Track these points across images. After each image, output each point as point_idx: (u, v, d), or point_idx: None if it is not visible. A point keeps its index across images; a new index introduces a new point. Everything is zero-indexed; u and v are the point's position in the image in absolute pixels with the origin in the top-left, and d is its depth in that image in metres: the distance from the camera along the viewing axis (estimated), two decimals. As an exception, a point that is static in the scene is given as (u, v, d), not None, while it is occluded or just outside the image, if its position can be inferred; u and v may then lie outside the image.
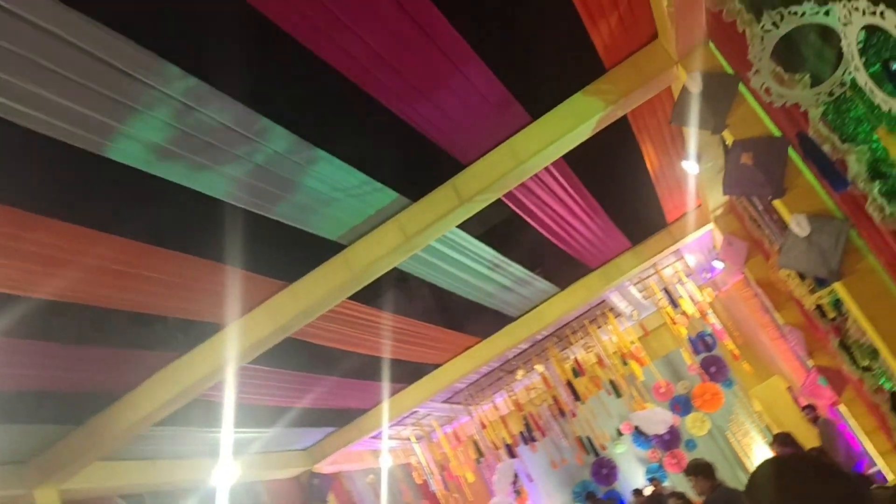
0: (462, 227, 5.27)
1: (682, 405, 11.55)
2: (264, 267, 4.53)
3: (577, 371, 9.18)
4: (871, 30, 2.44)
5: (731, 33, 3.43)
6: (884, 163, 3.13)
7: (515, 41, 3.89)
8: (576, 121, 4.30)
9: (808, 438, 7.97)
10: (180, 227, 3.89)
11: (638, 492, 11.02)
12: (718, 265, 9.35)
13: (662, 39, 4.17)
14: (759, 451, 11.03)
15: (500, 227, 5.87)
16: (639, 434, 11.70)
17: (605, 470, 12.11)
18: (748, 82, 3.49)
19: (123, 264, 3.78)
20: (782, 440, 7.27)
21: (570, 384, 9.05)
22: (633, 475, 12.28)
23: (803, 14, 2.90)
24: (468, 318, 7.33)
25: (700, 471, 5.70)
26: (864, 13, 2.22)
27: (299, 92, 3.51)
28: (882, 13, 2.17)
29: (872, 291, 3.50)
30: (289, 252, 4.60)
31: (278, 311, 4.74)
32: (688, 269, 9.18)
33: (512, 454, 9.82)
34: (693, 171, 5.33)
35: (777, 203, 4.03)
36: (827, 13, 2.78)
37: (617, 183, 6.06)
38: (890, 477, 6.10)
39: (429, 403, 9.28)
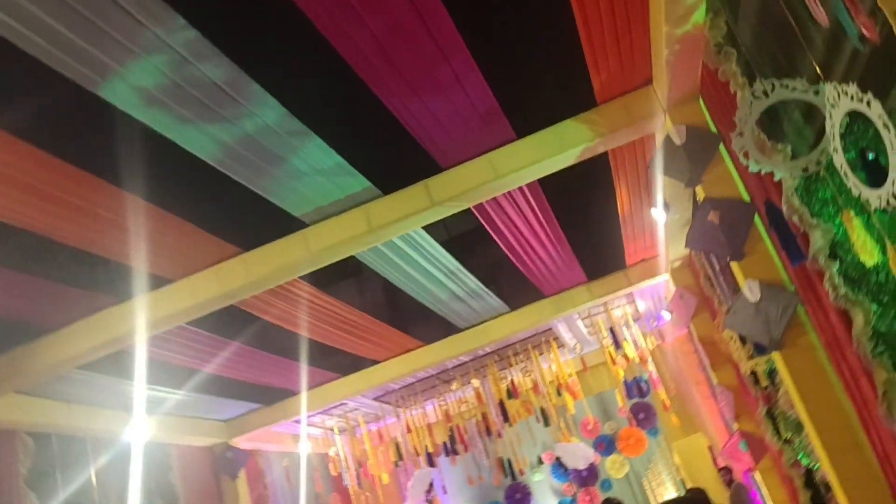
0: (427, 229, 5.26)
1: (605, 445, 11.68)
2: (221, 229, 4.45)
3: (512, 393, 9.22)
4: (854, 116, 2.53)
5: (723, 93, 3.52)
6: (841, 246, 3.24)
7: (515, 58, 3.91)
8: (559, 147, 4.34)
9: (720, 499, 8.14)
10: (143, 173, 3.79)
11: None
12: (666, 316, 9.51)
13: (656, 86, 4.24)
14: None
15: (464, 237, 5.88)
16: (559, 466, 11.79)
17: (518, 495, 12.16)
18: (729, 143, 3.57)
19: (76, 196, 3.67)
20: (694, 496, 7.40)
21: (502, 404, 9.09)
22: (546, 504, 12.37)
23: (794, 89, 2.99)
24: (415, 320, 7.31)
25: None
26: (852, 98, 2.30)
27: (295, 65, 3.47)
28: (868, 102, 2.24)
29: (808, 367, 3.61)
30: (248, 219, 4.53)
31: (227, 276, 4.66)
32: (637, 313, 9.32)
33: (431, 463, 9.80)
34: (660, 219, 5.43)
35: (734, 265, 4.13)
36: (816, 93, 2.87)
37: (586, 216, 6.14)
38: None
39: (359, 398, 9.22)
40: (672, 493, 11.21)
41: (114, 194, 3.77)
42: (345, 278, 6.46)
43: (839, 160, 2.46)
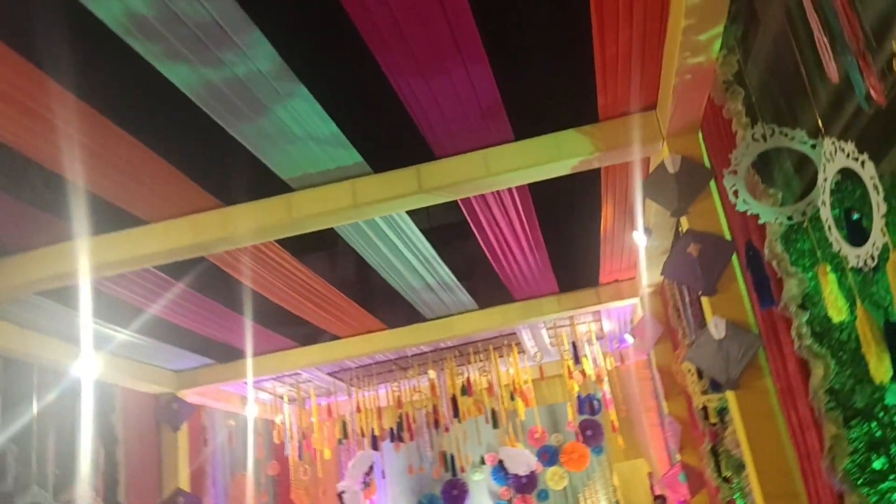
0: (410, 214, 5.25)
1: (549, 455, 11.78)
2: (205, 179, 4.40)
3: (466, 390, 9.26)
4: (845, 174, 2.56)
5: (723, 130, 3.55)
6: (811, 299, 3.29)
7: (527, 59, 3.90)
8: (556, 155, 4.35)
9: (650, 525, 8.26)
10: (134, 107, 3.73)
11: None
12: (629, 339, 9.60)
13: (659, 112, 4.26)
14: (601, 522, 11.35)
15: (445, 228, 5.87)
16: (500, 469, 11.87)
17: (455, 491, 12.22)
18: (720, 180, 3.61)
19: (60, 118, 3.59)
20: (627, 518, 7.50)
21: (454, 400, 9.12)
22: (480, 505, 12.46)
23: (792, 139, 3.03)
24: (382, 303, 7.30)
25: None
26: (847, 156, 2.33)
27: (305, 23, 3.43)
28: (863, 162, 2.27)
29: (760, 411, 3.67)
30: (234, 173, 4.46)
31: (204, 227, 4.61)
32: (601, 332, 9.40)
33: (375, 446, 9.82)
34: (641, 243, 5.47)
35: (704, 301, 4.18)
36: (813, 146, 2.91)
37: (568, 228, 6.16)
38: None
39: (313, 370, 9.20)
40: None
41: (100, 124, 3.70)
42: (319, 249, 6.41)
43: (825, 214, 2.49)
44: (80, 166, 3.99)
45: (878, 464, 3.70)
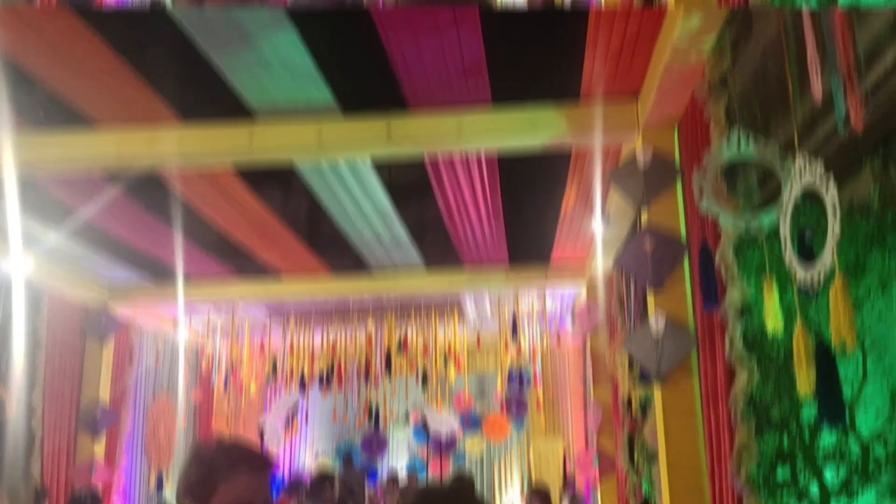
0: (374, 163, 5.15)
1: (471, 422, 12.02)
2: (166, 89, 4.19)
3: (402, 347, 9.30)
4: (805, 195, 2.59)
5: (699, 130, 3.55)
6: (748, 310, 3.36)
7: (520, 22, 3.80)
8: (529, 126, 4.30)
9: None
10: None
11: (393, 473, 11.40)
12: (569, 322, 9.76)
13: (640, 102, 4.24)
14: (510, 491, 11.71)
15: (407, 184, 5.78)
16: (422, 428, 12.05)
17: (375, 444, 12.39)
18: (687, 179, 3.63)
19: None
20: (537, 492, 7.67)
21: (388, 354, 9.15)
22: (397, 460, 12.67)
23: (762, 152, 3.04)
24: (330, 248, 7.19)
25: (462, 483, 5.92)
26: (814, 175, 2.34)
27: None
28: (827, 184, 2.29)
29: (682, 407, 3.77)
30: (198, 90, 4.27)
31: (159, 140, 4.42)
32: (542, 311, 9.51)
33: (303, 389, 9.81)
34: (598, 230, 5.51)
35: (649, 295, 4.23)
36: (782, 162, 2.93)
37: (529, 204, 6.14)
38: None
39: (251, 304, 9.08)
40: (515, 485, 11.68)
41: (62, 17, 3.49)
42: (274, 182, 6.25)
43: (784, 230, 2.52)
44: (41, 60, 3.78)
45: (781, 474, 3.84)
